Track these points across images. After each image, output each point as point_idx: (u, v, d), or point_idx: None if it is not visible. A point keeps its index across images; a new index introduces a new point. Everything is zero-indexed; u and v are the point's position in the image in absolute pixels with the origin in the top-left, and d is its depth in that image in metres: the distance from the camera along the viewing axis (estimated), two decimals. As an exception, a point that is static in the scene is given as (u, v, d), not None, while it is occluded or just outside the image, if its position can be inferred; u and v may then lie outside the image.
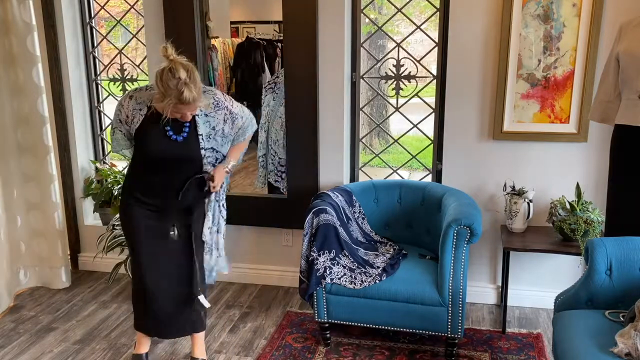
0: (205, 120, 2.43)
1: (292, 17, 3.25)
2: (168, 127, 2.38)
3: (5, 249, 3.47)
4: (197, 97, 2.23)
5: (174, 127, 2.39)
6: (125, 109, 2.42)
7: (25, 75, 3.46)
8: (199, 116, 2.42)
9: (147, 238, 2.52)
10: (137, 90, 2.45)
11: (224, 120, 2.48)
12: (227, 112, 2.48)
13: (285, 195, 3.56)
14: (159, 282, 2.55)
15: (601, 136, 3.02)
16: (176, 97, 2.19)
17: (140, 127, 2.40)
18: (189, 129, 2.40)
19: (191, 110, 2.29)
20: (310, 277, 2.78)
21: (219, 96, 2.49)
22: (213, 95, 2.47)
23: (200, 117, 2.42)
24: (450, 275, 2.66)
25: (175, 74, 2.17)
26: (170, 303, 2.59)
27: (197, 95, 2.22)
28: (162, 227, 2.52)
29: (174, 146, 2.40)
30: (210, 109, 2.44)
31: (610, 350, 1.97)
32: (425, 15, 3.81)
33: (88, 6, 3.81)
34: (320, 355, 2.88)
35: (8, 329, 3.21)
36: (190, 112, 2.31)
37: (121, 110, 2.44)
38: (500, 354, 2.86)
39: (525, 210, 3.06)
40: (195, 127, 2.42)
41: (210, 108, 2.44)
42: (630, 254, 2.25)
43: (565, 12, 2.97)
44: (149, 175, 2.49)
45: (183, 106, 2.23)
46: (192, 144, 2.43)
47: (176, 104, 2.22)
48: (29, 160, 3.59)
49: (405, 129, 3.65)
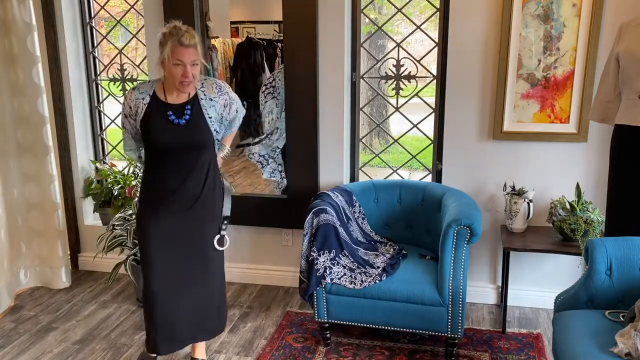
0: (210, 104, 2.48)
1: (292, 17, 3.25)
2: (170, 112, 2.41)
3: (5, 249, 3.47)
4: (197, 43, 2.31)
5: (175, 111, 2.42)
6: (129, 100, 2.46)
7: (25, 75, 3.46)
8: (203, 99, 2.46)
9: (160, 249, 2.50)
10: (140, 84, 2.52)
11: (224, 105, 2.53)
12: (227, 98, 2.55)
13: (285, 195, 3.56)
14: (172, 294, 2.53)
15: (601, 136, 3.02)
16: (176, 39, 2.27)
17: (144, 117, 2.43)
18: (190, 112, 2.43)
19: (191, 57, 2.31)
20: (310, 277, 2.78)
21: (219, 82, 2.57)
22: (215, 81, 2.54)
23: (206, 100, 2.46)
24: (450, 275, 2.66)
25: (175, 27, 2.32)
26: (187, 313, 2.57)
27: (196, 40, 2.32)
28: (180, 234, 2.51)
29: (179, 132, 2.41)
30: (214, 93, 2.50)
31: (610, 350, 1.97)
32: (425, 15, 3.81)
33: (88, 6, 3.81)
34: (320, 355, 2.88)
35: (8, 329, 3.21)
36: (191, 61, 2.31)
37: (125, 103, 2.49)
38: (500, 354, 2.86)
39: (525, 210, 3.06)
40: (200, 111, 2.45)
41: (214, 92, 2.49)
42: (630, 254, 2.25)
43: (565, 12, 2.97)
44: (161, 178, 2.48)
45: (182, 50, 2.28)
46: (200, 128, 2.45)
47: (175, 47, 2.27)
48: (29, 160, 3.59)
49: (405, 129, 3.66)
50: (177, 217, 2.50)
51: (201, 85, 2.48)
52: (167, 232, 2.50)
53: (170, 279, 2.52)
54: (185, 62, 2.30)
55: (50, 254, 3.70)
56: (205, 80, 2.51)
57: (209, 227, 2.57)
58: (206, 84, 2.50)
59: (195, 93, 2.46)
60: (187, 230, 2.52)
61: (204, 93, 2.47)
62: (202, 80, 2.50)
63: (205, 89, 2.48)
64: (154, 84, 2.47)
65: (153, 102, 2.44)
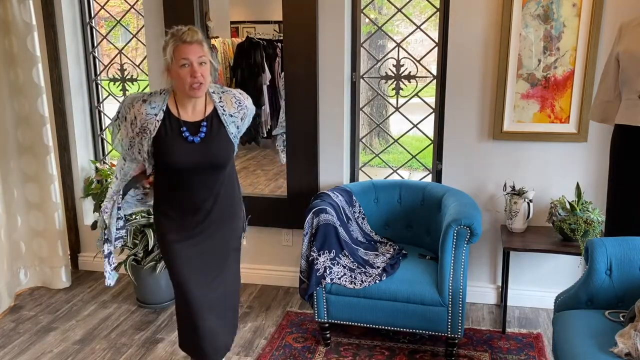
0: (231, 120, 2.27)
1: (292, 17, 3.25)
2: (184, 128, 2.20)
3: (5, 249, 3.47)
4: (201, 39, 2.12)
5: (189, 128, 2.21)
6: (137, 112, 2.18)
7: (25, 75, 3.46)
8: (224, 115, 2.26)
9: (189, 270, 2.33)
10: (150, 95, 2.23)
11: (241, 118, 2.33)
12: (246, 111, 2.35)
13: (285, 195, 3.56)
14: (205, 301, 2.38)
15: (601, 136, 3.02)
16: (179, 37, 2.09)
17: (157, 135, 2.18)
18: (207, 129, 2.22)
19: (197, 54, 2.10)
20: (310, 277, 2.78)
21: (238, 96, 2.34)
22: (233, 95, 2.33)
23: (226, 116, 2.26)
24: (450, 275, 2.66)
25: (177, 29, 2.15)
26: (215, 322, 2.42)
27: (200, 36, 2.12)
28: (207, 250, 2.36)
29: (196, 151, 2.20)
30: (234, 109, 2.29)
31: (610, 350, 1.97)
32: (425, 15, 3.81)
33: (88, 6, 3.81)
34: (320, 355, 2.88)
35: (8, 329, 3.21)
36: (199, 60, 2.11)
37: (129, 112, 2.20)
38: (500, 354, 2.86)
39: (525, 210, 3.06)
40: (221, 127, 2.25)
41: (233, 108, 2.29)
42: (630, 254, 2.25)
43: (565, 12, 2.97)
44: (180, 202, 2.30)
45: (186, 47, 2.08)
46: (221, 145, 2.25)
47: (178, 46, 2.09)
48: (29, 160, 3.59)
49: (405, 129, 3.65)
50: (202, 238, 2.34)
51: (219, 99, 2.26)
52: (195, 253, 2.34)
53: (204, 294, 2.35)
54: (192, 59, 2.09)
55: (50, 254, 3.70)
56: (223, 93, 2.28)
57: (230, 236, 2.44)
58: (224, 98, 2.27)
59: (214, 108, 2.25)
60: (213, 247, 2.38)
61: (224, 109, 2.25)
62: (220, 94, 2.28)
63: (224, 103, 2.26)
64: (166, 97, 2.21)
65: (167, 119, 2.19)
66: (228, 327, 2.48)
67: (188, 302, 2.32)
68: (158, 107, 2.19)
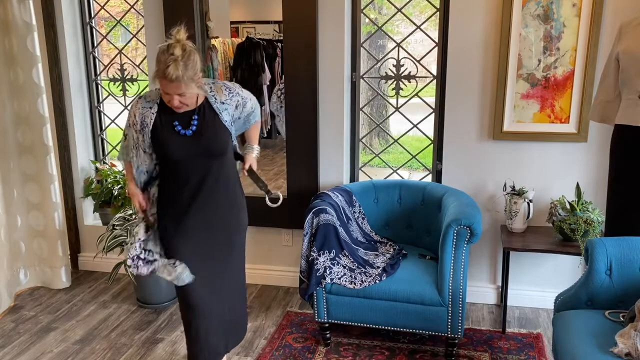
0: (223, 107, 2.34)
1: (292, 17, 3.25)
2: (176, 121, 2.27)
3: (5, 249, 3.47)
4: (182, 78, 2.09)
5: (181, 121, 2.28)
6: (135, 109, 2.31)
7: (25, 75, 3.46)
8: (216, 103, 2.32)
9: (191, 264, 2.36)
10: (147, 92, 2.38)
11: (236, 106, 2.39)
12: (239, 98, 2.40)
13: (285, 195, 3.55)
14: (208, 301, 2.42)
15: (601, 136, 3.02)
16: (161, 70, 2.08)
17: (153, 128, 2.28)
18: (198, 121, 2.28)
19: (176, 91, 2.14)
20: (310, 277, 2.78)
21: (228, 84, 2.42)
22: (224, 83, 2.39)
23: (218, 104, 2.32)
24: (450, 275, 2.66)
25: (170, 50, 2.09)
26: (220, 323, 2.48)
27: (182, 74, 2.08)
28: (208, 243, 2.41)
29: (189, 143, 2.27)
30: (225, 96, 2.35)
31: (610, 350, 1.97)
32: (425, 15, 3.81)
33: (88, 6, 3.81)
34: (320, 355, 2.88)
35: (8, 329, 3.21)
36: (177, 94, 2.15)
37: (131, 111, 2.33)
38: (500, 354, 2.86)
39: (525, 210, 3.06)
40: (214, 116, 2.31)
41: (224, 95, 2.35)
42: (630, 254, 2.25)
43: (565, 12, 2.97)
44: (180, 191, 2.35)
45: (166, 83, 2.10)
46: (216, 134, 2.31)
47: (161, 79, 2.11)
48: (29, 160, 3.59)
49: (405, 129, 3.65)
50: (204, 229, 2.39)
51: (210, 89, 2.33)
52: (196, 245, 2.39)
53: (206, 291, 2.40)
54: (171, 93, 2.15)
55: (50, 254, 3.70)
56: (214, 84, 2.36)
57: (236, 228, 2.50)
58: (215, 87, 2.35)
59: (205, 99, 2.32)
60: (215, 238, 2.42)
61: (215, 97, 2.32)
62: (211, 85, 2.35)
63: (214, 92, 2.33)
64: (160, 92, 2.28)
65: (161, 112, 2.28)
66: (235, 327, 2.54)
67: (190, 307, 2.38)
68: (153, 102, 2.30)
